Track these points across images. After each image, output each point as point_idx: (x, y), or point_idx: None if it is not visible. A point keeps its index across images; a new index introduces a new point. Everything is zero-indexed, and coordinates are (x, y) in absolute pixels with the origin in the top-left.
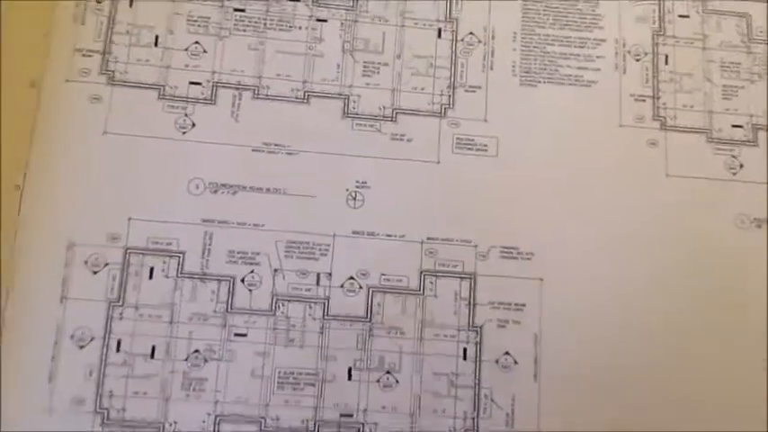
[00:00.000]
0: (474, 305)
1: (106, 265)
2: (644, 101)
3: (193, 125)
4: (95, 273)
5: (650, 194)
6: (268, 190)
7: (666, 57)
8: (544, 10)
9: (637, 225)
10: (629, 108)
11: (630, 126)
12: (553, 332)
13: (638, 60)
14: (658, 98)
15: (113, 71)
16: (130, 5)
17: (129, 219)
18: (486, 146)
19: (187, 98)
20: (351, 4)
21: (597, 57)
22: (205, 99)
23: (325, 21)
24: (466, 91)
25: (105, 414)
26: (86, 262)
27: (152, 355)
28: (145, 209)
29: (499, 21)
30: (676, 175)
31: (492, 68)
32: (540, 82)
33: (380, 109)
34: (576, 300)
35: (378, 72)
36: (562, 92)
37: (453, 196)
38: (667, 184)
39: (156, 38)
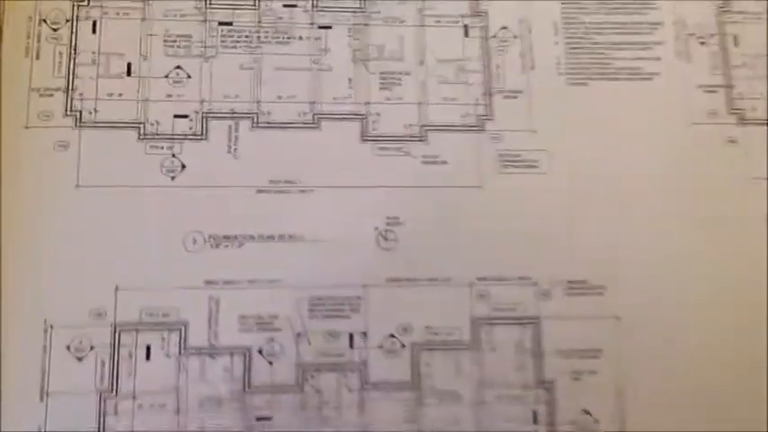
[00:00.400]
0: (541, 356)
1: (92, 348)
2: (715, 92)
3: (183, 167)
4: (80, 359)
5: (732, 201)
6: (281, 238)
7: (735, 37)
8: None
9: (720, 240)
10: (699, 102)
11: (703, 123)
12: (638, 382)
13: (703, 44)
14: (732, 87)
15: (80, 111)
16: (93, 30)
17: (116, 288)
18: (535, 162)
19: (173, 135)
20: (358, 4)
21: (655, 44)
22: (195, 134)
23: (329, 27)
24: (505, 97)
25: None
26: (68, 347)
27: None
28: (134, 275)
29: (536, 10)
30: (763, 177)
31: (533, 67)
32: (590, 79)
33: (406, 127)
34: (661, 339)
35: (398, 83)
36: (618, 89)
37: (503, 226)
38: (751, 189)
39: (129, 66)
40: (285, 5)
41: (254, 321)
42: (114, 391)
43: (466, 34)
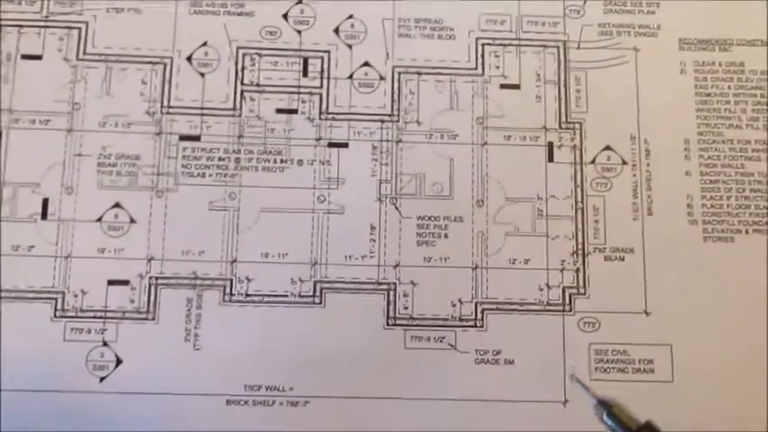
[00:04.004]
0: None
1: None
2: None
3: (118, 363)
4: None
5: None
6: None
7: None
8: None
9: None
10: None
11: None
12: None
13: None
14: None
15: None
16: None
17: None
18: (650, 363)
19: (105, 311)
20: (389, 107)
21: None
22: (137, 311)
23: (343, 145)
24: (606, 258)
25: None
26: None
27: None
28: None
29: (657, 122)
30: None
31: (651, 212)
32: (740, 232)
33: (453, 306)
34: None
35: (444, 235)
36: None
37: None
38: None
39: (45, 204)
40: (279, 110)
41: None
42: None
43: (550, 157)
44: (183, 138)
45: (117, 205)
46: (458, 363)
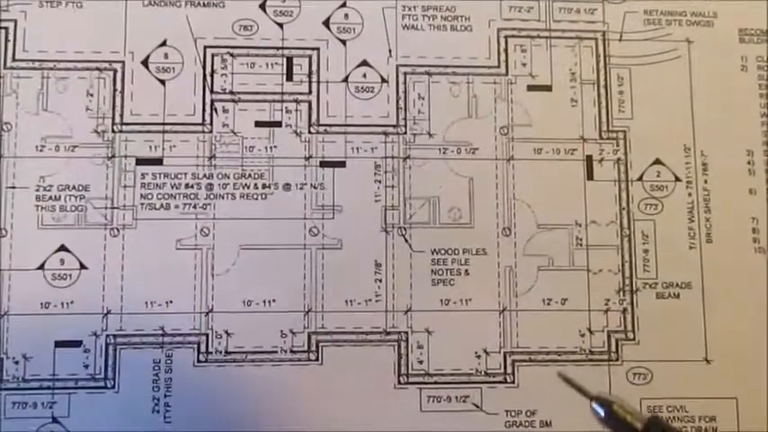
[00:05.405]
0: None
1: None
2: None
3: None
4: None
5: None
6: None
7: None
8: None
9: None
10: None
11: None
12: None
13: None
14: None
15: None
16: None
17: None
18: (712, 422)
19: (53, 380)
20: (393, 116)
21: None
22: (93, 378)
23: (339, 164)
24: (659, 296)
25: None
26: None
27: None
28: None
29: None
30: None
31: (710, 239)
32: None
33: (477, 357)
34: None
35: (464, 271)
36: None
37: None
38: None
39: None
40: (259, 123)
41: None
42: None
43: (589, 174)
44: (140, 161)
45: (63, 248)
46: (485, 427)
